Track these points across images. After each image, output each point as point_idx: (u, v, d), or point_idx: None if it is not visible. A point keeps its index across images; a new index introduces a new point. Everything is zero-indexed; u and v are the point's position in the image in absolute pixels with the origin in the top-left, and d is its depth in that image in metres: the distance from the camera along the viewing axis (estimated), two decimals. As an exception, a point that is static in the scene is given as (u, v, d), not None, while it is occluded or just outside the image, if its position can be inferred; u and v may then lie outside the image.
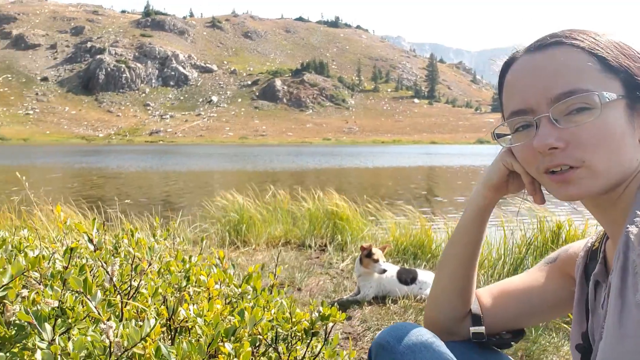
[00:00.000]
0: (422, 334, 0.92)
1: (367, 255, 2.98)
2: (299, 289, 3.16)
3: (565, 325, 2.34)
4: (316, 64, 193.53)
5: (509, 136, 0.83)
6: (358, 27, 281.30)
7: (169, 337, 1.28)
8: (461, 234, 1.00)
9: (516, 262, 3.27)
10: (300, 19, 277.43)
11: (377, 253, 2.98)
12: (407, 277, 2.96)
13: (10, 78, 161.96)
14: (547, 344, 2.19)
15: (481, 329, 1.00)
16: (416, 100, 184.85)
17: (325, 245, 4.41)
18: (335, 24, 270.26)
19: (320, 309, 1.28)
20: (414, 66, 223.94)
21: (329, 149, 68.38)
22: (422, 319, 2.47)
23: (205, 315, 1.14)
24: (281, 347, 1.31)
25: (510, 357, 1.07)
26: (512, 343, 1.06)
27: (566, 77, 0.71)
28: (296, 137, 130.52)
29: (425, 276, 2.99)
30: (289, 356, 1.28)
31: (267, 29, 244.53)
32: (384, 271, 2.92)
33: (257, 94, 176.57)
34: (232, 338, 1.08)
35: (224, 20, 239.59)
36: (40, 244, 1.77)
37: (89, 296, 1.00)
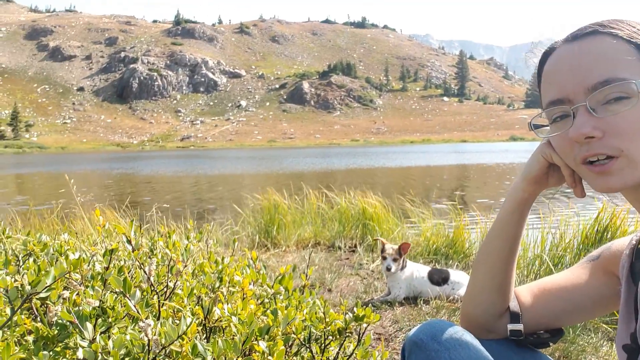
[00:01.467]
0: (457, 332, 0.91)
1: (380, 251, 2.98)
2: (330, 290, 3.16)
3: (605, 326, 2.26)
4: (343, 66, 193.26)
5: (547, 127, 0.82)
6: (385, 27, 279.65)
7: (205, 336, 1.30)
8: (500, 229, 0.98)
9: (553, 261, 3.18)
10: (326, 21, 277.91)
11: (389, 250, 2.95)
12: (438, 278, 2.93)
13: (47, 89, 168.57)
14: (586, 344, 2.12)
15: (519, 326, 0.98)
16: (446, 99, 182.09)
17: (355, 246, 4.41)
18: (362, 24, 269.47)
19: (355, 309, 1.28)
20: (442, 64, 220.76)
21: (358, 150, 68.21)
22: (455, 319, 2.43)
23: (239, 314, 1.16)
24: (314, 347, 1.31)
25: (548, 356, 1.04)
26: (551, 343, 1.03)
27: (603, 66, 0.70)
28: (324, 139, 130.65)
29: (458, 276, 2.94)
30: (322, 356, 1.29)
31: (294, 33, 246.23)
32: (388, 269, 2.90)
33: (285, 97, 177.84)
34: (266, 337, 1.09)
35: (252, 26, 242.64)
36: (81, 247, 1.84)
37: (128, 295, 1.03)
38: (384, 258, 2.93)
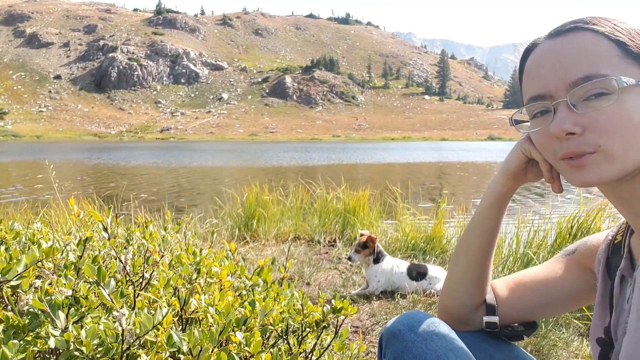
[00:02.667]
0: (433, 323, 0.92)
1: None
2: (308, 284, 3.17)
3: (576, 321, 2.32)
4: (326, 61, 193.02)
5: (527, 123, 0.82)
6: (369, 23, 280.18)
7: (181, 327, 1.29)
8: (478, 222, 1.00)
9: (527, 257, 3.25)
10: (310, 15, 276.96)
11: (356, 242, 3.07)
12: (417, 273, 2.96)
13: (24, 76, 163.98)
14: (557, 339, 2.17)
15: (495, 318, 0.99)
16: (427, 97, 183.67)
17: (335, 241, 4.42)
18: (345, 20, 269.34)
19: (333, 301, 1.29)
20: (424, 62, 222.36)
21: (339, 145, 68.33)
22: (431, 313, 2.46)
23: (216, 305, 1.14)
24: (292, 339, 1.31)
25: (522, 349, 1.06)
26: (524, 335, 1.05)
27: (584, 62, 0.70)
28: (306, 134, 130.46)
29: (436, 271, 2.98)
30: (299, 348, 1.29)
31: (277, 26, 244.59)
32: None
33: (267, 91, 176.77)
34: (243, 327, 1.08)
35: (235, 18, 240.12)
36: (54, 236, 1.79)
37: (102, 284, 1.01)
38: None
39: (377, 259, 2.99)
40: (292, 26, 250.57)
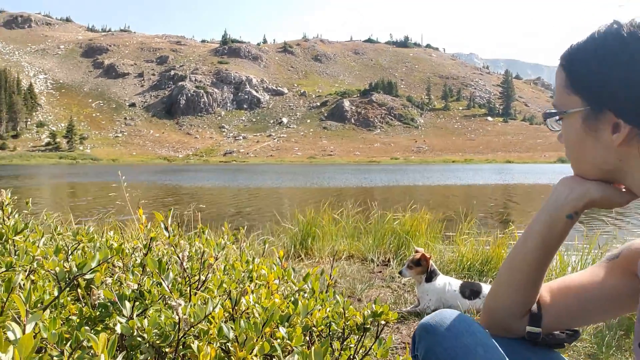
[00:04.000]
0: (466, 320, 0.94)
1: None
2: (359, 300, 3.19)
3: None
4: (384, 84, 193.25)
5: None
6: (428, 45, 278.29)
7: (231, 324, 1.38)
8: (539, 238, 0.94)
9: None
10: (369, 40, 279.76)
11: (409, 258, 3.04)
12: (470, 291, 2.90)
13: (102, 104, 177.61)
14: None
15: (538, 329, 0.98)
16: (490, 119, 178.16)
17: (389, 260, 4.41)
18: (404, 44, 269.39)
19: (373, 306, 1.33)
20: (487, 83, 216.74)
21: (397, 167, 67.70)
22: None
23: (262, 302, 1.23)
24: (335, 344, 1.37)
25: (563, 357, 1.04)
26: (566, 343, 1.04)
27: (555, 95, 0.89)
28: (363, 156, 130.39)
29: (490, 291, 2.91)
30: (341, 351, 1.34)
31: (336, 52, 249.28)
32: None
33: (326, 114, 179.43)
34: (286, 324, 1.16)
35: (295, 45, 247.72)
36: (124, 241, 1.98)
37: (162, 276, 1.13)
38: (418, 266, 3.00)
39: (430, 278, 2.97)
40: (350, 51, 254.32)
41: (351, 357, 1.37)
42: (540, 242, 0.93)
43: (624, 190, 0.87)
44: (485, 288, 2.92)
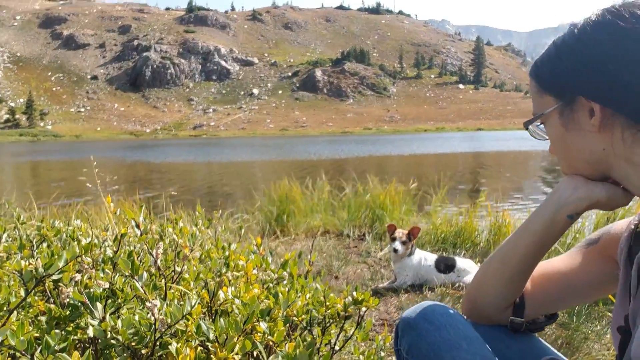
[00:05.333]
0: (448, 312, 0.94)
1: (390, 234, 3.02)
2: (336, 277, 3.21)
3: (609, 314, 2.27)
4: (357, 53, 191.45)
5: None
6: (400, 12, 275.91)
7: (210, 319, 1.35)
8: (535, 235, 0.92)
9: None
10: (340, 7, 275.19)
11: (398, 233, 2.99)
12: (445, 266, 2.95)
13: (62, 77, 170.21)
14: (589, 332, 2.14)
15: (521, 320, 0.99)
16: (461, 86, 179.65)
17: (364, 235, 4.44)
18: (376, 10, 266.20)
19: (354, 293, 1.32)
20: (459, 50, 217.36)
21: (369, 138, 67.89)
22: (459, 306, 2.46)
23: (242, 297, 1.20)
24: (316, 331, 1.36)
25: (541, 340, 1.06)
26: (545, 327, 1.05)
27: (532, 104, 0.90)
28: (336, 128, 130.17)
29: (464, 264, 2.96)
30: (322, 339, 1.33)
31: (307, 19, 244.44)
32: (395, 250, 2.95)
33: (298, 85, 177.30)
34: (267, 318, 1.14)
35: (265, 12, 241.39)
36: (92, 233, 1.90)
37: (136, 277, 1.08)
38: (393, 240, 2.97)
39: (410, 252, 3.00)
40: (322, 19, 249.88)
41: (332, 344, 1.37)
42: (537, 239, 0.91)
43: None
44: (459, 262, 2.98)
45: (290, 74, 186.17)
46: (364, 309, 1.32)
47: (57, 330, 1.06)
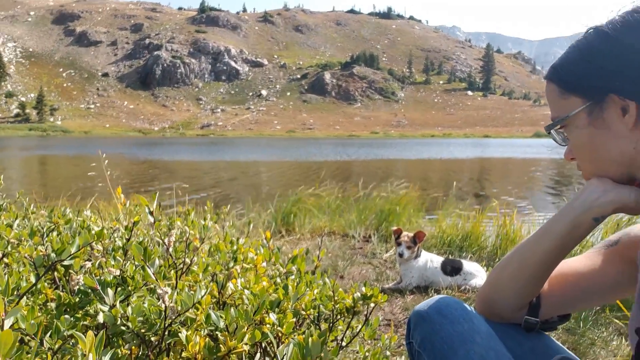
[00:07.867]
0: (461, 307, 0.94)
1: (395, 238, 3.01)
2: (342, 277, 3.21)
3: (616, 321, 2.25)
4: (366, 57, 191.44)
5: None
6: (411, 17, 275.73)
7: (219, 309, 1.36)
8: (555, 241, 0.90)
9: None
10: (351, 11, 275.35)
11: (404, 237, 2.98)
12: (451, 268, 2.94)
13: (73, 74, 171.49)
14: (596, 338, 2.12)
15: (536, 320, 0.97)
16: (470, 93, 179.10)
17: (370, 236, 4.43)
18: (387, 15, 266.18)
19: (363, 289, 1.32)
20: (468, 57, 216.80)
21: (377, 141, 67.79)
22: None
23: (251, 288, 1.20)
24: (323, 325, 1.36)
25: (553, 339, 1.05)
26: (558, 326, 1.05)
27: (551, 110, 0.89)
28: (343, 131, 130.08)
29: (471, 267, 2.95)
30: (329, 334, 1.33)
31: (317, 22, 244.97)
32: (401, 255, 2.94)
33: (306, 87, 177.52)
34: (277, 310, 1.14)
35: (276, 15, 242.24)
36: (102, 224, 1.91)
37: (148, 264, 1.08)
38: (399, 244, 2.96)
39: (416, 255, 2.99)
40: (332, 22, 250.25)
41: (339, 340, 1.37)
42: (559, 241, 0.89)
43: None
44: (466, 265, 2.97)
45: (299, 76, 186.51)
46: (372, 305, 1.32)
47: (66, 316, 1.07)
